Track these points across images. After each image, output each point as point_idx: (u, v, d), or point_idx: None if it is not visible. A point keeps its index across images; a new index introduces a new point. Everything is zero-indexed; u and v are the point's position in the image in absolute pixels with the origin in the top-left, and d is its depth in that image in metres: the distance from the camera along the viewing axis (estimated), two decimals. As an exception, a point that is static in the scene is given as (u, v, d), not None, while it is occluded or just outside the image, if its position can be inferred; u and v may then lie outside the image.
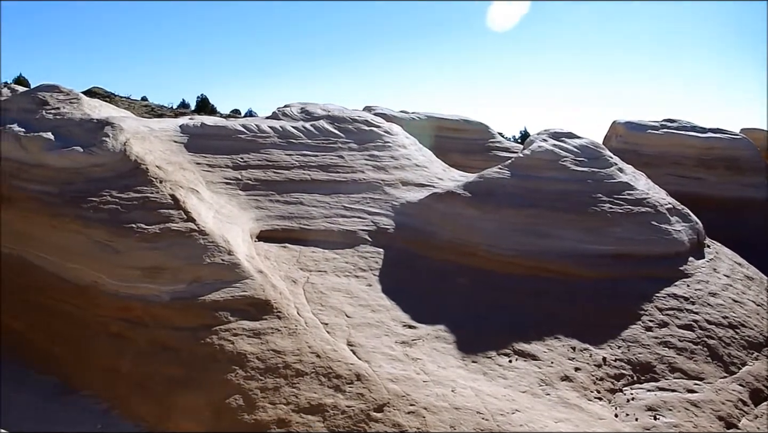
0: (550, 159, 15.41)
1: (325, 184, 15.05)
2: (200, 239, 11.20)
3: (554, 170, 15.16)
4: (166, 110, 35.07)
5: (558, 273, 13.05)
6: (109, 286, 10.80)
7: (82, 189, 12.43)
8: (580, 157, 15.77)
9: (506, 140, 28.80)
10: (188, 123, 16.05)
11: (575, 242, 13.62)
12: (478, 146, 24.74)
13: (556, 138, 16.55)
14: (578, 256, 13.39)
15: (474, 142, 24.96)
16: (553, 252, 13.36)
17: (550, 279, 12.89)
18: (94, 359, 10.22)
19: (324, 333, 10.24)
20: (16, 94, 17.07)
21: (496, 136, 26.55)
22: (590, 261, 13.34)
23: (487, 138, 25.67)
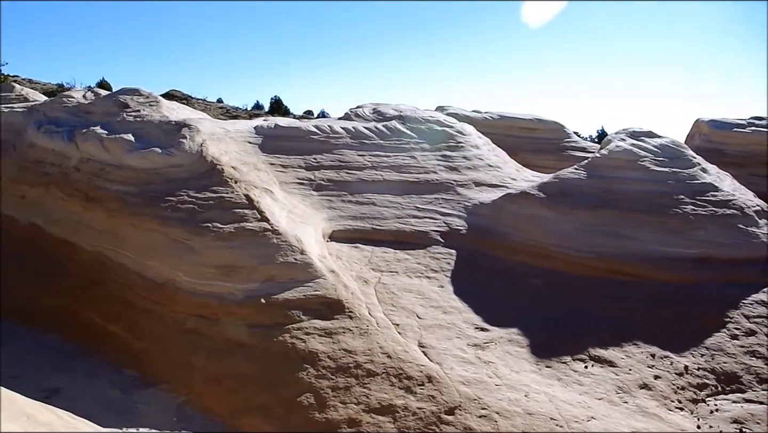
0: (628, 159, 15.07)
1: (397, 184, 15.23)
2: (274, 239, 11.57)
3: (633, 170, 14.83)
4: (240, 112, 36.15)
5: (636, 276, 12.77)
6: (185, 283, 11.35)
7: (160, 189, 13.11)
8: (661, 156, 15.35)
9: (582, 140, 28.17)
10: (262, 124, 16.59)
11: (655, 244, 13.30)
12: (552, 146, 24.34)
13: (634, 137, 16.16)
14: (658, 259, 13.07)
15: (548, 141, 24.58)
16: (631, 254, 13.08)
17: (627, 282, 12.63)
18: (171, 353, 10.75)
19: (395, 334, 10.39)
20: (99, 97, 18.10)
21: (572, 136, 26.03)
22: (671, 264, 13.00)
23: (561, 137, 25.21)
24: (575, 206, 14.04)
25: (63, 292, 12.91)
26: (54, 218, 14.45)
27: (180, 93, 36.85)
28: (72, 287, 12.85)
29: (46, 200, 14.90)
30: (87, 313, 12.32)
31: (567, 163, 18.16)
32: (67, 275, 13.15)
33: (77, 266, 13.19)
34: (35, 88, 31.48)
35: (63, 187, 14.65)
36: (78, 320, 12.34)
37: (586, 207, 13.99)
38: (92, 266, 12.94)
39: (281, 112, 35.91)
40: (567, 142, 25.09)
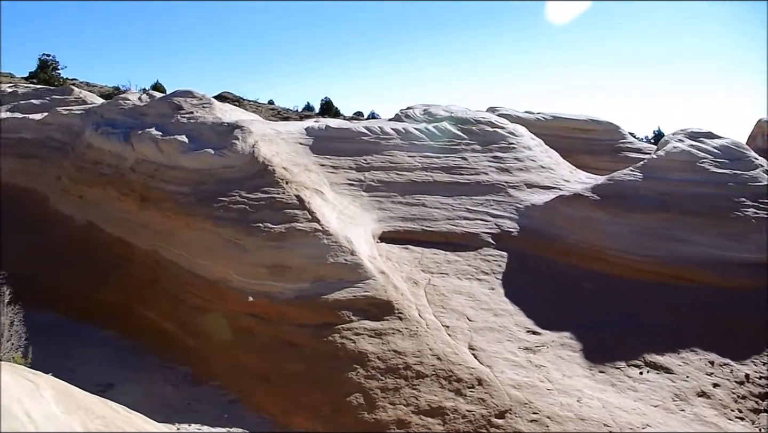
0: (686, 160, 14.76)
1: (447, 186, 15.26)
2: (324, 239, 11.74)
3: (691, 172, 14.52)
4: (291, 113, 36.71)
5: (693, 281, 12.52)
6: (237, 282, 11.64)
7: (213, 189, 13.45)
8: (721, 158, 14.99)
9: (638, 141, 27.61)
10: (313, 125, 16.83)
11: (714, 248, 13.01)
12: (607, 147, 23.93)
13: (693, 138, 15.81)
14: (717, 263, 12.78)
15: (603, 142, 24.17)
16: (689, 259, 12.81)
17: (684, 287, 12.38)
18: (223, 351, 10.99)
19: (445, 336, 10.44)
20: (154, 99, 18.63)
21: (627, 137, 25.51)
22: (731, 269, 12.70)
23: (617, 138, 24.74)
24: (631, 209, 13.83)
25: (118, 289, 13.36)
26: (110, 217, 14.98)
27: (232, 95, 37.60)
28: (127, 285, 13.30)
29: (103, 200, 15.45)
30: (141, 310, 12.73)
31: (623, 164, 17.88)
32: (122, 273, 13.62)
33: (132, 265, 13.65)
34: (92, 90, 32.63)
35: (119, 187, 15.17)
36: (132, 317, 12.75)
37: (642, 210, 13.78)
38: (147, 264, 13.37)
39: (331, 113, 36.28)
40: (622, 143, 24.63)
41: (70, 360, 11.39)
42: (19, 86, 31.74)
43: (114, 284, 13.51)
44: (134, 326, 12.62)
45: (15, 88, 30.05)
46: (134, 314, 12.77)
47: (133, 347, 12.27)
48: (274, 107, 38.93)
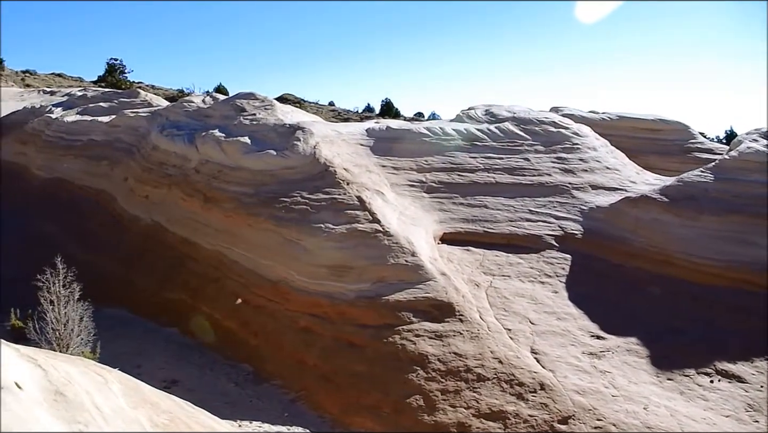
0: (761, 161, 14.25)
1: (510, 187, 15.20)
2: (385, 240, 11.90)
3: (766, 173, 14.01)
4: (351, 114, 37.17)
5: (766, 287, 12.05)
6: (298, 282, 11.92)
7: (275, 190, 13.78)
8: (798, 159, 14.41)
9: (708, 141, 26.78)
10: (374, 126, 17.03)
11: (790, 253, 12.51)
12: (676, 147, 23.27)
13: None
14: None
15: (672, 143, 23.50)
16: (762, 263, 12.36)
17: (756, 293, 11.94)
18: (284, 350, 11.33)
19: (507, 339, 10.44)
20: (217, 101, 19.21)
21: (697, 137, 24.72)
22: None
23: (686, 138, 24.01)
24: (701, 211, 13.47)
25: (182, 288, 13.84)
26: (175, 217, 15.52)
27: (293, 96, 38.29)
28: (191, 284, 13.78)
29: (167, 200, 16.03)
30: (205, 308, 13.16)
31: (693, 165, 17.41)
32: (187, 271, 14.11)
33: (196, 264, 14.12)
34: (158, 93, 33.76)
35: (183, 187, 15.71)
36: (196, 315, 13.13)
37: (713, 212, 13.40)
38: (210, 263, 13.80)
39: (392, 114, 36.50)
40: (692, 144, 23.93)
41: (137, 356, 11.88)
42: (88, 90, 33.12)
43: (179, 282, 14.02)
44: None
45: (84, 92, 31.37)
46: (198, 312, 13.20)
47: (196, 344, 12.71)
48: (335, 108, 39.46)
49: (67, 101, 29.47)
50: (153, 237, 15.72)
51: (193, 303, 13.45)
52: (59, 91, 34.43)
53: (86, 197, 19.54)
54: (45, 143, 24.00)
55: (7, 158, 25.23)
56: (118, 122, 21.76)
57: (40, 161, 23.40)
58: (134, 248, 15.87)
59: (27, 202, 21.56)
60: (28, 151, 24.62)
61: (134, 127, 20.66)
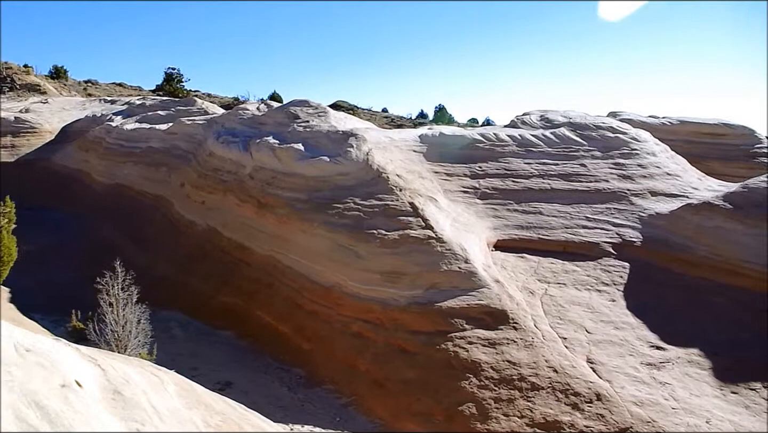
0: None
1: (565, 193, 15.02)
2: (438, 246, 11.89)
3: (842, 179, 13.50)
4: (405, 121, 37.30)
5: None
6: (351, 288, 12.00)
7: (328, 196, 13.94)
8: None
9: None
10: (427, 133, 17.05)
11: None
12: (741, 152, 22.56)
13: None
14: None
15: (736, 147, 22.80)
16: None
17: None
18: (336, 355, 11.41)
19: (562, 348, 10.29)
20: (271, 109, 19.53)
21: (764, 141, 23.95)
22: None
23: (752, 143, 23.26)
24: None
25: (237, 292, 14.09)
26: (230, 222, 15.83)
27: (346, 103, 38.68)
28: (245, 288, 14.00)
29: (223, 206, 16.36)
30: (258, 312, 13.35)
31: (759, 171, 16.91)
32: (241, 276, 14.35)
33: (250, 268, 14.36)
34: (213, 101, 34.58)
35: (238, 193, 16.02)
36: (250, 319, 13.40)
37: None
38: (264, 268, 14.02)
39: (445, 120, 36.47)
40: (758, 148, 23.22)
41: (192, 358, 12.13)
42: (147, 98, 34.15)
43: (233, 286, 14.28)
44: (252, 327, 13.26)
45: (143, 101, 32.35)
46: (253, 317, 13.42)
47: (250, 347, 12.89)
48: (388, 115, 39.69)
49: (127, 110, 30.49)
50: (208, 242, 16.07)
51: (247, 307, 13.68)
52: (119, 100, 35.61)
53: (145, 202, 20.13)
54: (106, 150, 24.88)
55: (70, 165, 26.22)
56: (176, 130, 22.38)
57: (101, 168, 24.24)
58: (190, 252, 16.24)
59: (88, 206, 22.37)
60: (89, 158, 25.55)
61: (191, 134, 21.20)
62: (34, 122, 30.10)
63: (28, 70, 43.41)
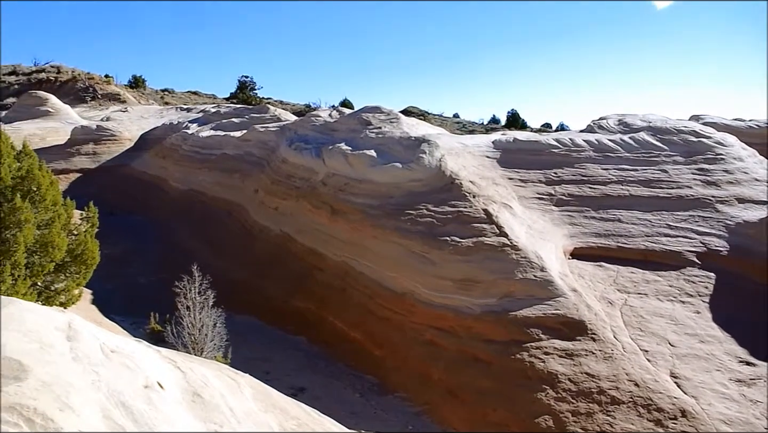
0: None
1: (646, 200, 14.61)
2: (512, 254, 11.75)
3: None
4: (476, 126, 37.14)
5: None
6: (424, 295, 11.97)
7: (400, 202, 13.96)
8: None
9: None
10: (500, 138, 16.91)
11: None
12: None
13: None
14: None
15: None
16: None
17: None
18: (409, 363, 11.41)
19: (644, 361, 9.99)
20: (343, 115, 19.71)
21: None
22: None
23: None
24: None
25: (310, 297, 14.26)
26: (302, 228, 16.05)
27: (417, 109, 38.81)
28: (318, 293, 14.16)
29: (296, 212, 16.60)
30: (331, 318, 13.48)
31: None
32: (314, 281, 14.52)
33: (323, 274, 14.50)
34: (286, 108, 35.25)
35: (311, 199, 16.23)
36: (323, 325, 13.53)
37: None
38: (336, 274, 14.14)
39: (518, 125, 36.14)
40: None
41: (265, 362, 12.33)
42: (221, 106, 35.07)
43: (306, 291, 14.45)
44: (324, 333, 13.39)
45: (218, 108, 33.22)
46: (324, 322, 13.55)
47: (322, 353, 13.02)
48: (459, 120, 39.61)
49: (202, 117, 31.37)
50: (281, 247, 16.32)
51: (319, 312, 13.82)
52: (195, 108, 36.72)
53: (219, 208, 20.62)
54: (182, 157, 25.64)
55: (148, 171, 27.15)
56: (249, 137, 22.86)
57: (178, 174, 24.99)
58: (263, 257, 16.53)
59: (165, 212, 23.09)
60: (166, 164, 26.39)
61: (264, 141, 21.61)
62: (114, 130, 31.35)
63: (108, 80, 45.34)
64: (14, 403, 3.07)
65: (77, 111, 36.79)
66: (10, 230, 8.42)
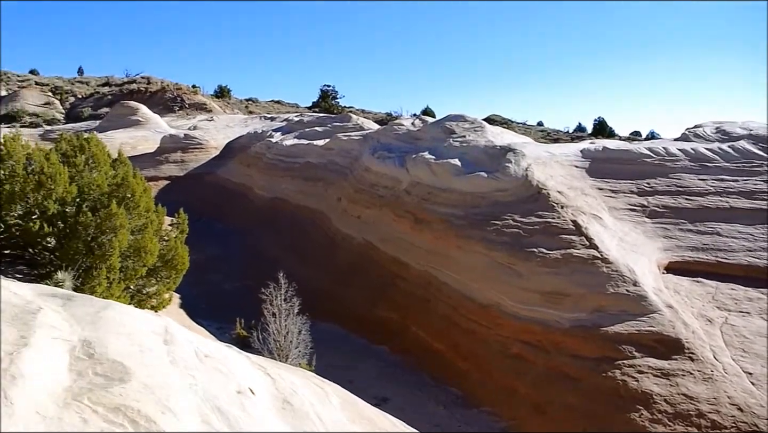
0: None
1: (747, 213, 13.94)
2: (603, 267, 11.44)
3: None
4: (561, 135, 36.49)
5: None
6: (509, 307, 11.80)
7: (486, 212, 13.81)
8: None
9: None
10: (589, 147, 16.54)
11: None
12: None
13: None
14: None
15: None
16: None
17: None
18: (494, 376, 11.26)
19: (747, 383, 9.51)
20: (426, 124, 19.69)
21: None
22: None
23: None
24: None
25: (392, 306, 14.27)
26: (385, 237, 16.10)
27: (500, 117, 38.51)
28: (401, 303, 14.16)
29: (379, 220, 16.68)
30: (414, 328, 13.44)
31: None
32: (396, 291, 14.53)
33: (406, 283, 14.49)
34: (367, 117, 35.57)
35: (394, 208, 16.27)
36: (405, 334, 13.51)
37: None
38: (419, 283, 14.11)
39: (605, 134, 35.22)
40: None
41: (348, 371, 12.37)
42: (304, 115, 35.68)
43: (389, 300, 14.47)
44: (407, 343, 13.36)
45: (301, 117, 33.82)
46: (407, 332, 13.52)
47: (405, 363, 12.98)
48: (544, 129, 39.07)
49: (286, 126, 32.00)
50: (364, 256, 16.41)
51: (402, 322, 13.81)
52: (278, 117, 37.52)
53: (302, 216, 20.96)
54: (266, 165, 26.22)
55: (233, 179, 27.89)
56: (332, 145, 23.17)
57: (262, 182, 25.57)
58: (346, 265, 16.66)
59: (249, 219, 23.65)
60: (251, 172, 27.03)
61: (347, 149, 21.86)
62: (201, 138, 32.42)
63: (195, 90, 46.95)
64: (119, 404, 3.18)
65: (166, 120, 38.26)
66: (106, 235, 8.77)
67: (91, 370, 3.43)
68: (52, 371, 3.28)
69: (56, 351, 3.57)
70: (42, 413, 2.78)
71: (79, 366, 3.45)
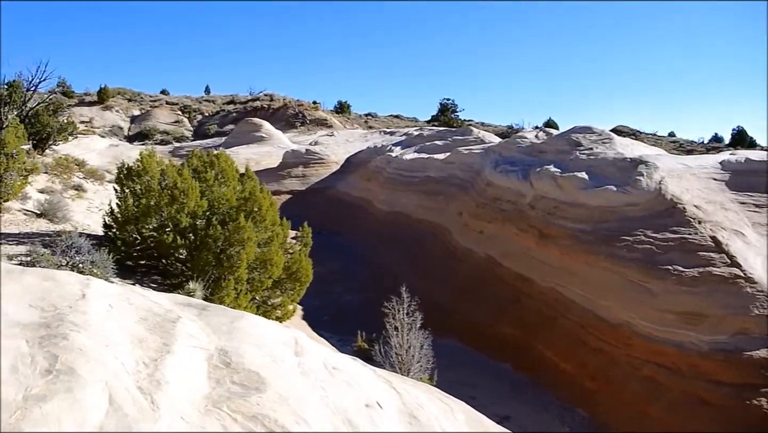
0: None
1: None
2: (747, 287, 10.94)
3: None
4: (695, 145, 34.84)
5: None
6: (641, 327, 11.46)
7: (615, 228, 13.47)
8: None
9: None
10: (729, 158, 15.74)
11: None
12: None
13: None
14: None
15: None
16: None
17: None
18: (624, 399, 10.98)
19: None
20: (551, 136, 19.41)
21: None
22: None
23: None
24: None
25: (516, 323, 14.15)
26: (508, 252, 16.00)
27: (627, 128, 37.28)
28: (525, 320, 14.02)
29: (501, 235, 16.60)
30: (539, 346, 13.27)
31: None
32: (520, 307, 14.39)
33: (530, 300, 14.33)
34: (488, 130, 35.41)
35: (518, 223, 16.14)
36: (529, 352, 13.35)
37: None
38: (545, 300, 13.91)
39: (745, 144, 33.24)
40: None
41: (468, 387, 12.37)
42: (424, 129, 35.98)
43: (512, 317, 14.35)
44: (530, 361, 13.21)
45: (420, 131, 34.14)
46: (531, 350, 13.36)
47: (528, 381, 12.84)
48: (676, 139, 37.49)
49: (405, 140, 32.41)
50: (486, 271, 16.35)
51: (526, 339, 13.66)
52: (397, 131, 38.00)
53: (422, 230, 21.15)
54: (386, 179, 26.68)
55: (353, 193, 28.58)
56: (453, 159, 23.27)
57: (382, 196, 26.03)
58: (467, 280, 16.66)
59: (369, 232, 24.11)
60: (371, 186, 27.60)
61: (468, 163, 21.88)
62: (321, 153, 33.41)
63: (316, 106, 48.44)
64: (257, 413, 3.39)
65: (288, 136, 39.76)
66: (234, 247, 9.25)
67: (228, 378, 3.67)
68: (192, 378, 3.55)
69: (195, 359, 3.84)
70: (186, 419, 3.01)
71: (217, 374, 3.70)
